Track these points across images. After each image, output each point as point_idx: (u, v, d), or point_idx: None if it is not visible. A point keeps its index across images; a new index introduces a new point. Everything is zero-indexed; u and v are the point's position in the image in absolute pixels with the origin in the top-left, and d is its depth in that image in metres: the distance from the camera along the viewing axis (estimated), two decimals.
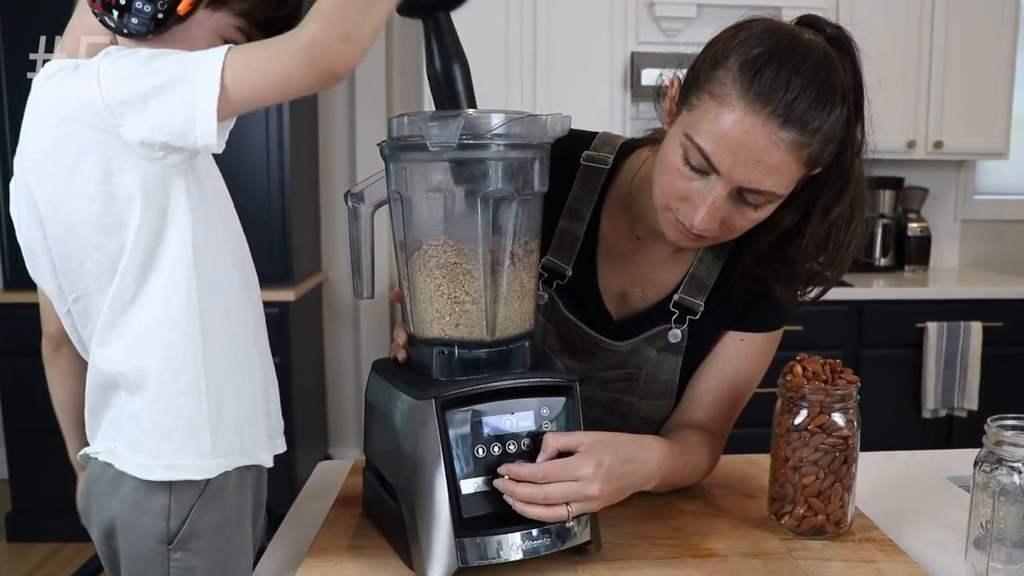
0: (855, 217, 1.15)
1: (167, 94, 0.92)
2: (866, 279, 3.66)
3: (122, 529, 1.05)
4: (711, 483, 1.36)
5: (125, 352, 1.02)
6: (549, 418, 1.08)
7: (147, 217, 0.99)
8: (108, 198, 0.97)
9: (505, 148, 1.04)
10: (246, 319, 1.10)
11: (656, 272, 1.30)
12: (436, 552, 1.02)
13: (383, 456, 1.16)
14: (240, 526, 1.10)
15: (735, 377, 1.30)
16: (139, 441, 1.03)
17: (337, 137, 3.87)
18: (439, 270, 1.06)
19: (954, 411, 3.46)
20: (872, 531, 1.19)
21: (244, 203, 3.71)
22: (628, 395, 1.31)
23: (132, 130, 0.94)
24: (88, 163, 0.96)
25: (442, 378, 1.07)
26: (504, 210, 1.05)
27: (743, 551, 1.13)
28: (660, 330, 1.27)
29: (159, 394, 1.02)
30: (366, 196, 1.16)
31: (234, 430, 1.07)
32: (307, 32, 0.91)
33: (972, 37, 3.56)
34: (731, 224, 1.11)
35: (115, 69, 0.94)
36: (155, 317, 1.01)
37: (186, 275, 1.01)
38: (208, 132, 0.93)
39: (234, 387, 1.07)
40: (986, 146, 3.66)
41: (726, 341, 1.30)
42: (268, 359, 1.15)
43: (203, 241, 1.03)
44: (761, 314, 1.29)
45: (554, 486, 1.01)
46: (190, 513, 1.04)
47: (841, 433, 1.13)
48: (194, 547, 1.05)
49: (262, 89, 0.94)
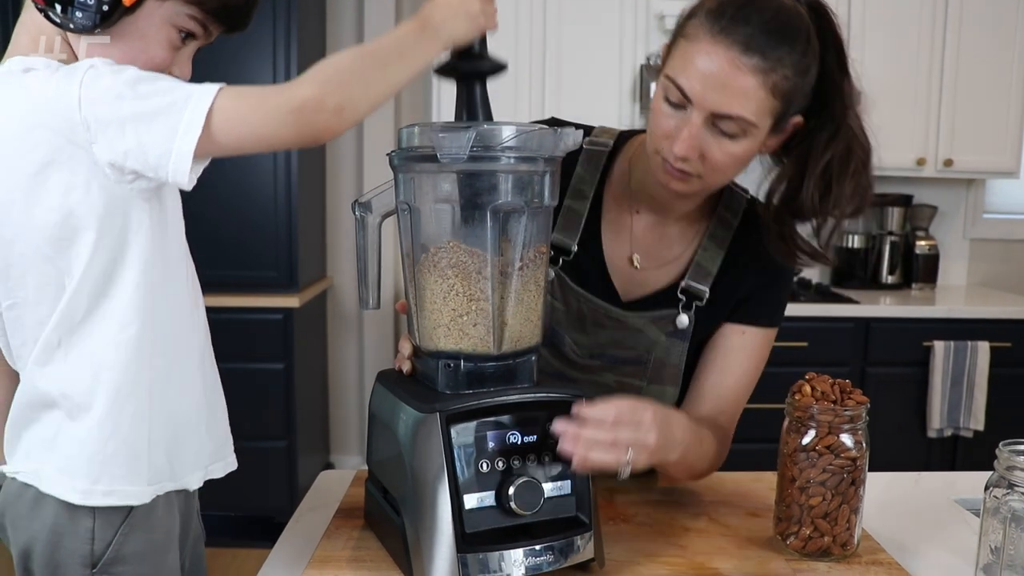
0: (851, 162, 1.19)
1: (148, 123, 0.91)
2: (873, 296, 3.64)
3: (42, 553, 1.03)
4: (716, 500, 1.35)
5: (70, 373, 1.00)
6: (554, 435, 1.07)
7: (106, 239, 0.97)
8: (67, 212, 0.95)
9: (516, 161, 1.03)
10: (191, 342, 1.09)
11: (658, 248, 1.34)
12: (438, 567, 1.01)
13: (386, 468, 1.15)
14: (167, 551, 1.09)
15: (739, 370, 1.33)
16: (75, 465, 1.01)
17: (344, 144, 3.87)
18: (445, 278, 1.05)
19: (960, 431, 3.44)
20: (879, 553, 1.18)
21: (250, 209, 3.72)
22: (637, 379, 1.33)
23: (104, 150, 0.92)
24: (54, 173, 0.94)
25: (447, 391, 1.06)
26: (513, 223, 1.05)
27: (748, 571, 1.12)
28: (668, 313, 1.31)
29: (106, 419, 1.00)
30: (374, 206, 1.15)
31: (165, 454, 1.06)
32: (302, 94, 0.91)
33: (984, 55, 3.55)
34: (711, 157, 1.15)
35: (100, 86, 0.92)
36: (107, 340, 1.00)
37: (142, 300, 1.00)
38: (181, 170, 0.92)
39: (175, 412, 1.07)
40: (997, 165, 3.64)
41: (728, 334, 1.33)
42: (214, 380, 1.14)
43: (160, 266, 1.02)
44: (760, 306, 1.33)
45: (622, 429, 1.04)
46: (115, 536, 1.02)
47: (849, 454, 1.12)
48: (119, 571, 1.03)
49: (245, 140, 0.93)
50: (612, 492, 1.37)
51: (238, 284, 3.26)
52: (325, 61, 0.94)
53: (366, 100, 0.94)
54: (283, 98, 0.91)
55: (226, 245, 3.25)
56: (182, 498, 1.12)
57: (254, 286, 3.28)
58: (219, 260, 3.20)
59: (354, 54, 0.95)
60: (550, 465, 1.07)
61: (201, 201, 3.20)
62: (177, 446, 1.07)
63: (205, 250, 3.35)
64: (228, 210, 3.25)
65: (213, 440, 1.13)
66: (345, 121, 0.93)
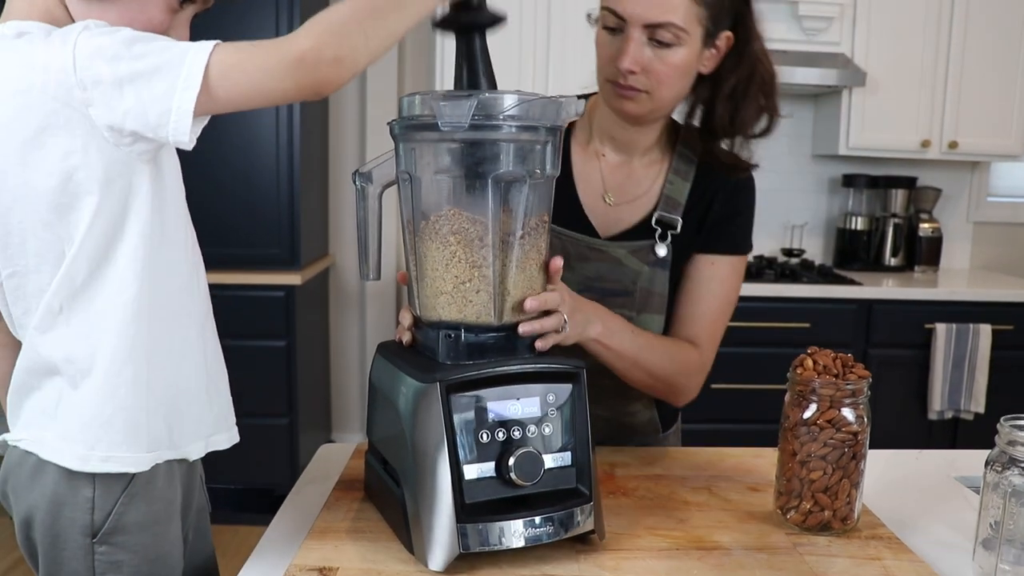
0: (753, 86, 1.33)
1: (145, 83, 0.90)
2: (876, 278, 3.63)
3: (42, 522, 1.03)
4: (717, 475, 1.35)
5: (73, 339, 1.00)
6: (555, 405, 1.07)
7: (107, 203, 0.96)
8: (66, 177, 0.94)
9: (517, 130, 1.02)
10: (192, 309, 1.08)
11: (627, 185, 1.42)
12: (437, 537, 1.01)
13: (386, 439, 1.14)
14: (169, 521, 1.09)
15: (711, 298, 1.41)
16: (73, 430, 1.01)
17: (347, 119, 3.86)
18: (447, 245, 1.05)
19: (960, 413, 3.44)
20: (879, 528, 1.17)
21: (252, 186, 3.70)
22: (627, 309, 1.39)
23: (102, 112, 0.91)
24: (51, 138, 0.93)
25: (448, 362, 1.06)
26: (515, 192, 1.04)
27: (748, 545, 1.12)
28: (646, 244, 1.39)
29: (104, 384, 1.00)
30: (374, 176, 1.14)
31: (164, 422, 1.05)
32: (300, 46, 0.90)
33: (990, 37, 3.53)
34: (654, 70, 1.26)
35: (94, 46, 0.90)
36: (107, 305, 0.99)
37: (142, 264, 0.99)
38: (182, 128, 0.91)
39: (174, 380, 1.06)
40: (1002, 147, 3.63)
41: (699, 265, 1.41)
42: (215, 349, 1.13)
43: (159, 231, 1.01)
44: (725, 236, 1.41)
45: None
46: (115, 507, 1.02)
47: (851, 428, 1.12)
48: (120, 541, 1.03)
49: (246, 94, 0.92)
50: (613, 466, 1.37)
51: (240, 261, 3.25)
52: (323, 13, 0.93)
53: (365, 51, 0.93)
54: (282, 51, 0.90)
55: (228, 222, 3.25)
56: (184, 468, 1.12)
57: (256, 263, 3.28)
58: (221, 238, 3.20)
59: (352, 5, 0.94)
60: (551, 436, 1.07)
61: (203, 179, 3.22)
62: (177, 414, 1.07)
63: (207, 227, 3.34)
64: (230, 187, 3.24)
65: (213, 410, 1.12)
66: (344, 72, 0.92)
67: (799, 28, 3.45)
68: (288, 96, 0.93)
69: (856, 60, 3.46)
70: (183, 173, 1.07)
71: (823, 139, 3.75)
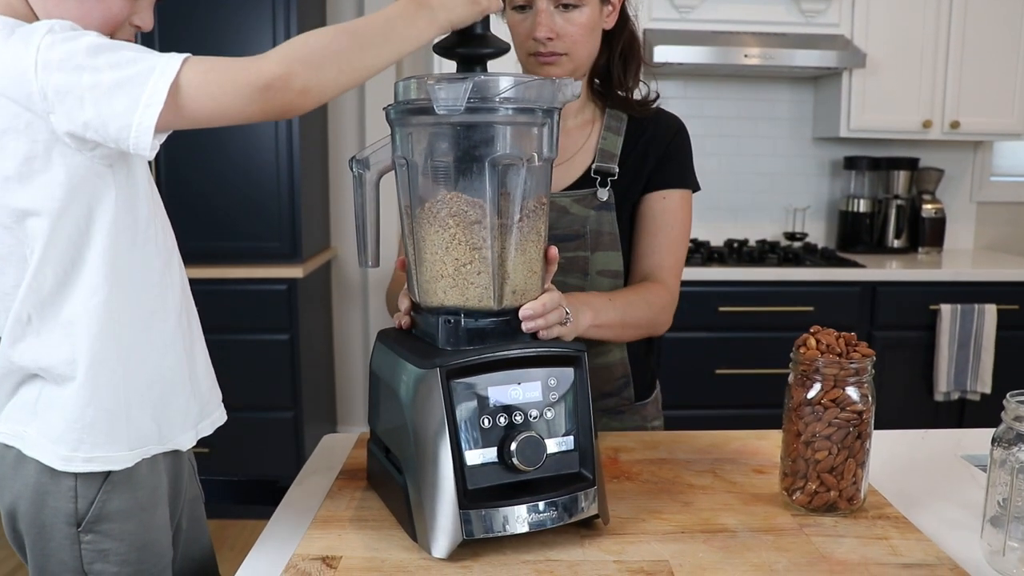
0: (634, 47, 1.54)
1: (108, 97, 0.89)
2: (879, 260, 3.62)
3: (27, 512, 1.03)
4: (721, 457, 1.34)
5: (45, 347, 1.00)
6: (557, 389, 1.06)
7: (71, 209, 0.95)
8: (26, 181, 0.93)
9: (514, 112, 1.01)
10: (168, 303, 1.07)
11: (564, 145, 1.51)
12: (441, 524, 1.00)
13: (388, 427, 1.14)
14: (154, 507, 1.08)
15: (667, 228, 1.51)
16: (55, 431, 1.00)
17: (346, 109, 3.84)
18: (446, 228, 1.04)
19: (967, 394, 3.43)
20: (885, 508, 1.17)
21: (253, 180, 3.69)
22: (583, 250, 1.48)
23: (63, 121, 0.90)
24: (12, 141, 0.92)
25: (448, 347, 1.05)
26: (512, 175, 1.03)
27: (754, 527, 1.11)
28: (588, 192, 1.49)
29: (83, 387, 0.99)
30: (371, 162, 1.13)
31: (151, 418, 1.05)
32: (270, 72, 0.89)
33: (990, 15, 3.50)
34: (566, 33, 1.40)
35: (57, 54, 0.89)
36: (79, 310, 0.98)
37: (111, 267, 0.98)
38: (143, 144, 0.90)
39: (157, 375, 1.05)
40: (1004, 126, 3.60)
41: (651, 202, 1.52)
42: (196, 338, 1.12)
43: (129, 231, 1.00)
44: (670, 172, 1.52)
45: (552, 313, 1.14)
46: (97, 495, 1.02)
47: (855, 408, 1.11)
48: (105, 529, 1.03)
49: (211, 114, 0.92)
50: (616, 450, 1.37)
51: (241, 255, 3.24)
52: (301, 38, 0.92)
53: (335, 84, 0.93)
54: (251, 75, 0.90)
55: (229, 216, 3.24)
56: (169, 459, 1.11)
57: (258, 257, 3.27)
58: (222, 231, 3.19)
59: (334, 33, 0.93)
60: (553, 421, 1.06)
61: (203, 173, 3.21)
62: (164, 408, 1.07)
63: (208, 222, 3.35)
64: (230, 182, 3.23)
65: (198, 398, 1.12)
66: (309, 102, 0.92)
67: (798, 10, 3.43)
68: (252, 118, 0.93)
69: (856, 41, 3.44)
70: (181, 167, 1.06)
71: (824, 122, 3.73)
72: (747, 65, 3.34)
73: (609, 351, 1.52)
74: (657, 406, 1.65)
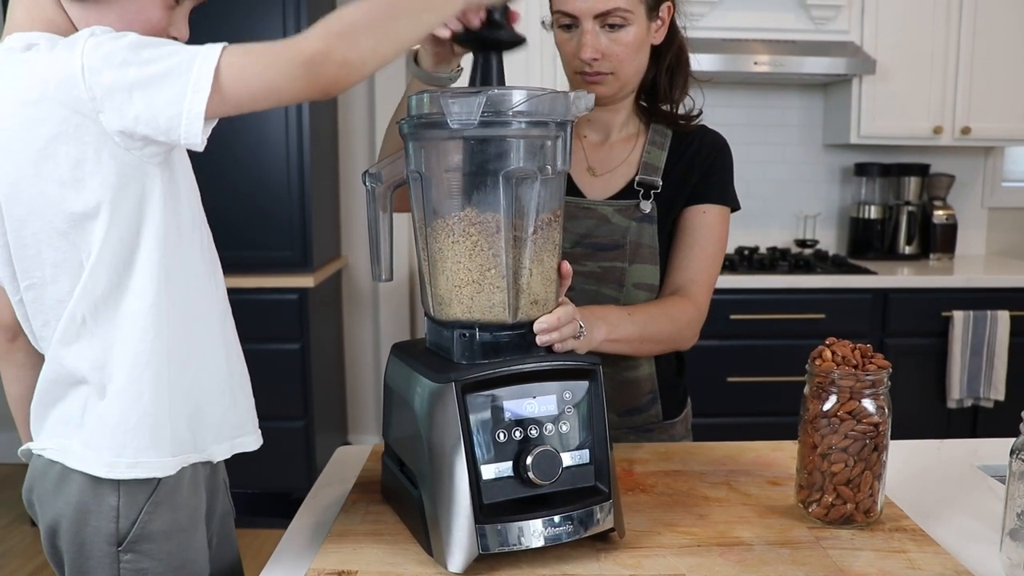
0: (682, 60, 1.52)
1: (155, 88, 0.90)
2: (891, 267, 3.60)
3: (68, 530, 1.03)
4: (736, 469, 1.33)
5: (99, 348, 1.00)
6: (572, 403, 1.06)
7: (122, 209, 0.96)
8: (80, 185, 0.94)
9: (527, 126, 1.01)
10: (211, 310, 1.08)
11: (609, 157, 1.54)
12: (456, 539, 1.00)
13: (402, 441, 1.14)
14: (194, 528, 1.08)
15: (703, 242, 1.50)
16: (99, 438, 1.01)
17: (356, 119, 3.85)
18: (458, 245, 1.04)
19: (980, 401, 3.41)
20: (902, 520, 1.16)
21: (264, 189, 3.69)
22: (620, 261, 1.48)
23: (113, 119, 0.91)
24: (62, 146, 0.92)
25: (463, 361, 1.05)
26: (526, 188, 1.03)
27: (770, 540, 1.11)
28: (631, 203, 1.49)
29: (127, 390, 1.00)
30: (384, 176, 1.14)
31: (187, 424, 1.05)
32: (310, 47, 0.90)
33: (1000, 20, 3.49)
34: (612, 52, 1.40)
35: (101, 53, 0.90)
36: (129, 311, 0.99)
37: (158, 268, 0.99)
38: (193, 131, 0.91)
39: (196, 381, 1.06)
40: (1015, 132, 3.59)
41: (690, 216, 1.51)
42: (236, 350, 1.13)
43: (174, 233, 1.01)
44: (711, 187, 1.51)
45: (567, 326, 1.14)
46: (140, 515, 1.02)
47: (871, 420, 1.10)
48: (145, 549, 1.03)
49: (256, 95, 0.92)
50: (631, 463, 1.36)
51: (253, 264, 3.25)
52: (335, 13, 0.92)
53: (374, 55, 0.93)
54: (292, 52, 0.90)
55: (240, 226, 3.25)
56: (208, 471, 1.11)
57: (269, 266, 3.28)
58: (233, 241, 3.19)
59: (366, 8, 0.94)
60: (568, 434, 1.06)
61: (214, 183, 3.21)
62: (199, 416, 1.07)
63: (219, 232, 3.34)
64: (241, 191, 3.24)
65: (238, 411, 1.12)
66: (353, 75, 0.92)
67: (807, 17, 3.42)
68: (297, 96, 0.93)
69: (865, 48, 3.44)
70: (195, 178, 1.06)
71: (834, 128, 3.72)
72: (757, 72, 3.33)
73: (637, 366, 1.51)
74: (686, 425, 1.63)
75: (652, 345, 1.42)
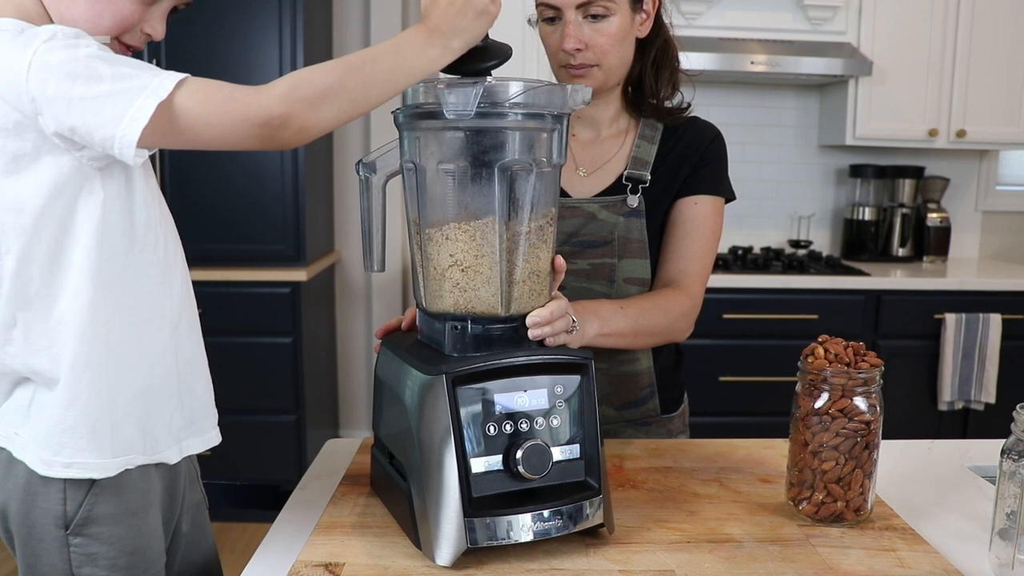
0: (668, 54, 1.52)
1: (96, 107, 0.89)
2: (884, 269, 3.61)
3: (18, 512, 1.03)
4: (727, 467, 1.33)
5: (34, 350, 0.99)
6: (563, 397, 1.06)
7: (54, 206, 0.95)
8: (14, 177, 0.94)
9: (524, 118, 1.01)
10: (164, 312, 1.06)
11: (598, 154, 1.53)
12: (445, 532, 1.00)
13: (392, 433, 1.13)
14: (144, 512, 1.07)
15: (696, 234, 1.49)
16: (41, 434, 1.00)
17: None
18: (452, 235, 1.03)
19: (971, 404, 3.42)
20: (892, 519, 1.16)
21: (257, 183, 3.69)
22: (609, 257, 1.48)
23: (50, 123, 0.91)
24: (2, 139, 0.92)
25: (454, 354, 1.05)
26: (521, 181, 1.02)
27: (760, 537, 1.10)
28: (619, 198, 1.48)
29: (65, 390, 0.99)
30: (378, 166, 1.13)
31: (136, 428, 1.04)
32: (269, 110, 0.89)
33: (997, 24, 3.49)
34: (595, 43, 1.40)
35: (54, 60, 0.90)
36: (64, 311, 0.98)
37: (97, 268, 0.98)
38: (126, 155, 0.90)
39: (145, 383, 1.04)
40: (1010, 136, 3.59)
41: (683, 208, 1.50)
42: (195, 352, 1.12)
43: (123, 236, 1.00)
44: (703, 179, 1.50)
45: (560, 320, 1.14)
46: (85, 498, 1.02)
47: (863, 418, 1.10)
48: (93, 533, 1.02)
49: (208, 142, 0.93)
50: (621, 459, 1.36)
51: (246, 258, 3.24)
52: (307, 72, 0.92)
53: (335, 120, 0.93)
54: (251, 110, 0.90)
55: (233, 219, 3.23)
56: (163, 470, 1.10)
57: (262, 260, 3.27)
58: (226, 234, 3.18)
59: (340, 70, 0.93)
60: (559, 429, 1.05)
61: (208, 175, 3.21)
62: (149, 418, 1.06)
63: (213, 225, 3.36)
64: (235, 184, 3.23)
65: (185, 414, 1.10)
66: (307, 138, 0.93)
67: (804, 17, 3.43)
68: (251, 148, 0.94)
69: (862, 49, 3.44)
70: (186, 170, 1.06)
71: (829, 129, 3.72)
72: (753, 72, 3.33)
73: (635, 359, 1.51)
74: (684, 420, 1.63)
75: (646, 338, 1.41)
